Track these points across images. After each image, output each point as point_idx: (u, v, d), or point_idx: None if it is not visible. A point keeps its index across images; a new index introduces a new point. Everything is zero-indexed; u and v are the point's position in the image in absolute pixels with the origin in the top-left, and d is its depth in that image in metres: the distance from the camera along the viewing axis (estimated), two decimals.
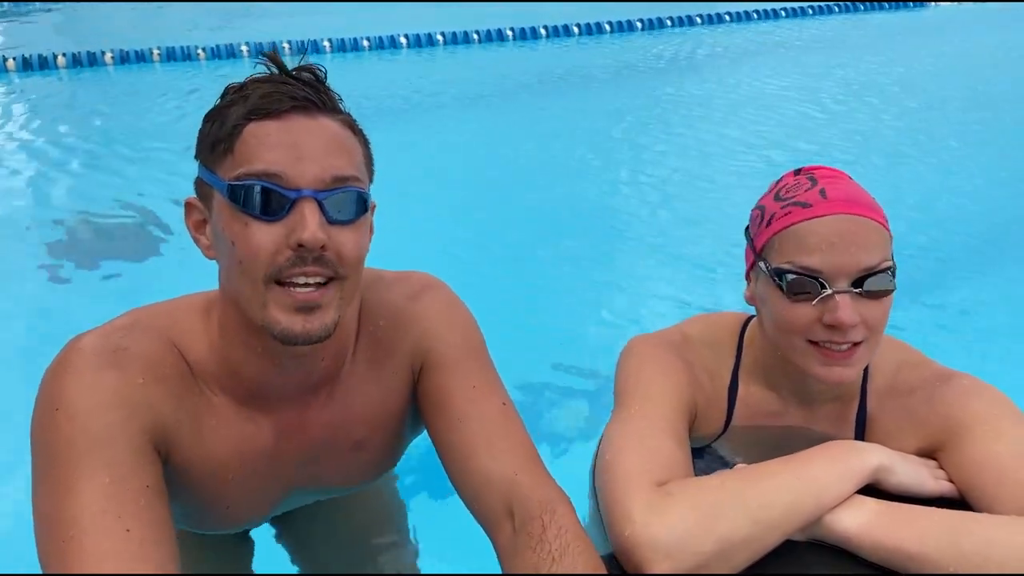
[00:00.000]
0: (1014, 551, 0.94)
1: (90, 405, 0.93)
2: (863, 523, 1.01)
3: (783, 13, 9.72)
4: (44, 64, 7.18)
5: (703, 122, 5.65)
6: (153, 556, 0.88)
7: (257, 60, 1.02)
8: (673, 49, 8.23)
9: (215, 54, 7.62)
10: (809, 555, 1.04)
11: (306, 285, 0.96)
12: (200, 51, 7.60)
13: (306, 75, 1.01)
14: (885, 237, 1.12)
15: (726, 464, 1.21)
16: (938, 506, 1.03)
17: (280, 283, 0.96)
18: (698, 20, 9.26)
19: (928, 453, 1.16)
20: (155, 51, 7.45)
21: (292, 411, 1.14)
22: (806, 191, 1.14)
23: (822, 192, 1.12)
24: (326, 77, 1.04)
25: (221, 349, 1.07)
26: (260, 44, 7.48)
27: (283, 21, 8.76)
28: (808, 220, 1.11)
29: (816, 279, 1.09)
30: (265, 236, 0.95)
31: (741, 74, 7.06)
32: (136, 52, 7.41)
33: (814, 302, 1.10)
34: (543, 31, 8.63)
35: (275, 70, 1.01)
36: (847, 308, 1.08)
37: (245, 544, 1.58)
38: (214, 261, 1.05)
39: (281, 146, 0.96)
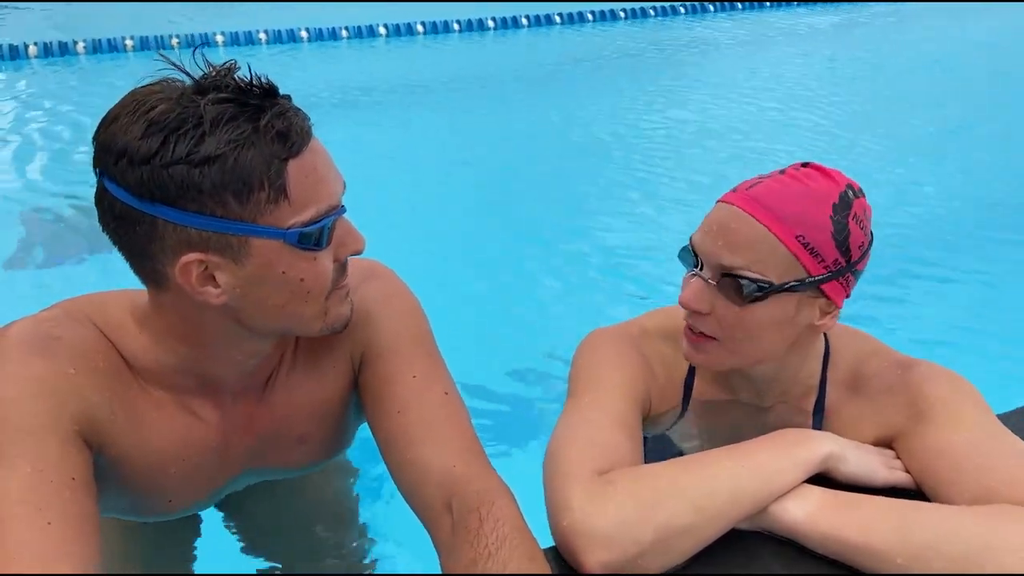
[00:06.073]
0: (964, 544, 0.90)
1: (17, 394, 0.90)
2: (809, 512, 0.97)
3: (768, 4, 9.68)
4: (15, 54, 7.00)
5: (693, 113, 5.61)
6: (74, 551, 0.84)
7: (202, 75, 0.96)
8: (656, 38, 8.19)
9: (190, 43, 7.47)
10: (756, 547, 1.00)
11: None
12: (174, 40, 7.44)
13: (266, 84, 0.94)
14: (771, 250, 1.04)
15: (679, 454, 1.18)
16: (891, 496, 0.99)
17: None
18: (681, 10, 9.22)
19: (887, 442, 1.12)
20: (128, 40, 7.30)
21: (237, 406, 1.12)
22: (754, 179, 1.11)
23: (752, 184, 1.09)
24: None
25: (165, 353, 1.03)
26: (236, 34, 7.34)
27: (259, 10, 8.61)
28: (717, 202, 1.12)
29: (696, 255, 1.10)
30: (328, 260, 1.00)
31: (725, 64, 7.04)
32: (109, 41, 7.25)
33: (686, 275, 1.12)
34: (524, 20, 8.55)
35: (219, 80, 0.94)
36: (687, 289, 1.09)
37: (190, 527, 1.54)
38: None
39: (328, 174, 0.97)
